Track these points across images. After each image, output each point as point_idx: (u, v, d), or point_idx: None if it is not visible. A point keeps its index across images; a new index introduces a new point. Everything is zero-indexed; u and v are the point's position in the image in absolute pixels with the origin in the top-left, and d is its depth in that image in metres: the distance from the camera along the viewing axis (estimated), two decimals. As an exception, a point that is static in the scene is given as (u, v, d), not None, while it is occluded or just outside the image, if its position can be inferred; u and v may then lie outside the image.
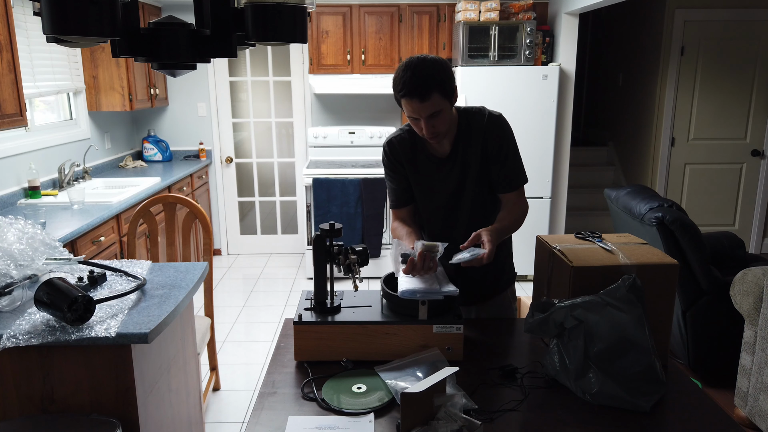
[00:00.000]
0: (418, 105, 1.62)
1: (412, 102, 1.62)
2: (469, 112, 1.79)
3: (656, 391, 1.38)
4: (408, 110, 1.66)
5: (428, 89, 1.59)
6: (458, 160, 1.78)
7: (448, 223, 1.88)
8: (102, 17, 1.09)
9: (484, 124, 1.76)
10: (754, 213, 5.33)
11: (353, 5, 4.65)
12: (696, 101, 5.12)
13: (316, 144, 5.01)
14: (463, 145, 1.77)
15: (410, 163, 1.84)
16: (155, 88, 4.75)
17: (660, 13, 5.06)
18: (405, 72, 1.62)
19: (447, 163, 1.80)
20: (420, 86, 1.59)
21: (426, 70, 1.61)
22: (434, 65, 1.63)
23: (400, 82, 1.63)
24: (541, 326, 1.48)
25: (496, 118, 1.78)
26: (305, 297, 1.67)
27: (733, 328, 2.89)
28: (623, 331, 1.40)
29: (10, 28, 2.73)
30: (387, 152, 1.87)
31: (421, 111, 1.63)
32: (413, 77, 1.60)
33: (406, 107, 1.66)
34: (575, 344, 1.42)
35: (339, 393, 1.40)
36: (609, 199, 3.58)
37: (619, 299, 1.41)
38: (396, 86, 1.66)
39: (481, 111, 1.79)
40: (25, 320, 1.58)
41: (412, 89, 1.60)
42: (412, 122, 1.70)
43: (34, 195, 3.43)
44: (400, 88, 1.63)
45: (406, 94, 1.62)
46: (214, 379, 3.00)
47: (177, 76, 1.39)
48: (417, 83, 1.60)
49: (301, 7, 1.24)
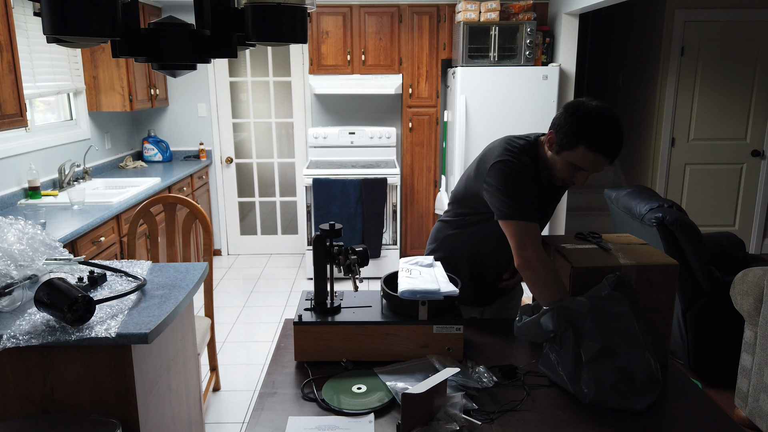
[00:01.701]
0: (602, 163, 1.59)
1: (599, 159, 1.57)
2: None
3: (652, 390, 1.38)
4: (583, 161, 1.59)
5: (619, 153, 1.59)
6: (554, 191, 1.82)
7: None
8: (102, 17, 1.09)
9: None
10: (754, 213, 5.33)
11: (353, 5, 4.66)
12: (696, 101, 5.12)
13: (316, 144, 5.01)
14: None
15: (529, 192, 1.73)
16: (155, 88, 4.75)
17: (660, 14, 5.06)
18: (608, 127, 1.55)
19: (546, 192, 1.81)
20: (618, 149, 1.57)
21: (623, 132, 1.58)
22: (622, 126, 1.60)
23: (601, 135, 1.55)
24: (530, 330, 1.48)
25: None
26: (305, 297, 1.67)
27: (733, 328, 2.89)
28: (612, 331, 1.40)
29: (10, 29, 2.73)
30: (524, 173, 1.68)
31: (597, 168, 1.60)
32: (618, 138, 1.56)
33: (584, 157, 1.58)
34: (566, 350, 1.43)
35: (339, 393, 1.40)
36: (609, 200, 3.58)
37: (605, 298, 1.41)
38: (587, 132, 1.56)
39: None
40: (25, 320, 1.58)
41: (611, 150, 1.56)
42: (570, 168, 1.64)
43: (35, 195, 3.43)
44: (598, 141, 1.55)
45: (601, 150, 1.56)
46: (214, 379, 3.00)
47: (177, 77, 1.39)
48: (618, 145, 1.57)
49: (301, 7, 1.24)
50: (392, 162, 4.93)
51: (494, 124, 4.30)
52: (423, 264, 1.72)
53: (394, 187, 4.60)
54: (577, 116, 1.58)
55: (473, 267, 1.90)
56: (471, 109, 4.32)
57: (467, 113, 4.34)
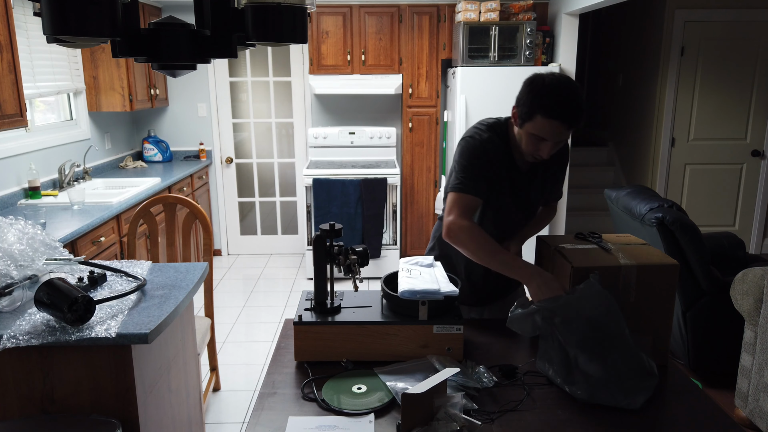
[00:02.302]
0: (562, 130, 1.56)
1: (554, 125, 1.55)
2: None
3: (648, 386, 1.38)
4: (541, 130, 1.58)
5: (579, 118, 1.55)
6: (537, 175, 1.81)
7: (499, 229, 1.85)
8: (102, 17, 1.09)
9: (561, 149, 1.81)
10: (754, 213, 5.33)
11: (353, 5, 4.66)
12: (696, 101, 5.12)
13: (316, 144, 5.01)
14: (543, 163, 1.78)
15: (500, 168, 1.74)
16: (155, 88, 4.75)
17: (660, 14, 5.06)
18: (561, 95, 1.54)
19: (527, 177, 1.80)
20: (576, 113, 1.54)
21: (580, 98, 1.56)
22: (581, 93, 1.58)
23: (553, 101, 1.54)
24: (519, 322, 1.49)
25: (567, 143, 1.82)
26: (305, 297, 1.67)
27: (733, 328, 2.89)
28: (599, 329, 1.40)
29: (10, 29, 2.73)
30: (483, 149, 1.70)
31: (558, 136, 1.58)
32: (571, 104, 1.54)
33: (542, 127, 1.57)
34: (556, 352, 1.43)
35: (339, 393, 1.40)
36: (609, 200, 3.58)
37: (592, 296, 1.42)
38: (540, 100, 1.56)
39: None
40: (26, 320, 1.59)
41: (567, 115, 1.54)
42: (533, 140, 1.62)
43: (35, 195, 3.43)
44: (551, 107, 1.54)
45: (555, 117, 1.54)
46: (214, 379, 3.00)
47: (177, 77, 1.39)
48: (574, 110, 1.54)
49: (301, 7, 1.24)
50: (392, 162, 4.93)
51: (494, 124, 4.29)
52: (423, 264, 1.72)
53: (394, 187, 4.61)
54: (532, 87, 1.60)
55: (468, 265, 1.90)
56: (471, 109, 4.32)
57: (467, 113, 4.34)
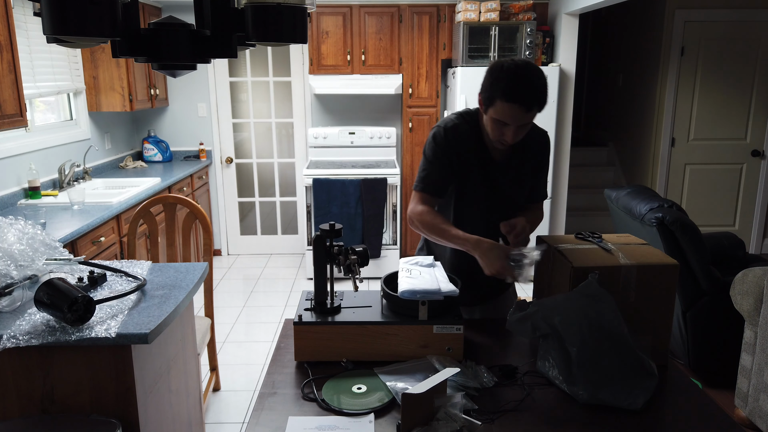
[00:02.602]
0: (521, 114, 1.56)
1: (514, 109, 1.55)
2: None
3: (648, 386, 1.38)
4: (502, 114, 1.58)
5: (536, 101, 1.55)
6: (512, 167, 1.79)
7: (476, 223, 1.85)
8: (102, 17, 1.09)
9: (542, 139, 1.80)
10: (754, 213, 5.33)
11: (353, 5, 4.66)
12: (696, 101, 5.12)
13: (316, 144, 5.01)
14: (520, 154, 1.78)
15: (470, 156, 1.75)
16: (155, 88, 4.75)
17: (660, 14, 5.06)
18: (517, 77, 1.54)
19: (501, 168, 1.79)
20: (532, 96, 1.54)
21: (537, 80, 1.56)
22: (542, 76, 1.58)
23: (509, 85, 1.54)
24: (519, 325, 1.49)
25: (546, 135, 1.82)
26: (305, 297, 1.67)
27: (733, 328, 2.89)
28: (599, 330, 1.40)
29: (10, 29, 2.73)
30: (446, 137, 1.74)
31: (519, 119, 1.57)
32: (527, 86, 1.54)
33: (502, 111, 1.58)
34: (557, 351, 1.43)
35: (339, 393, 1.40)
36: (609, 200, 3.58)
37: (591, 296, 1.41)
38: (499, 87, 1.57)
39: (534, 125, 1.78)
40: (26, 320, 1.58)
41: (523, 97, 1.54)
42: (496, 125, 1.63)
43: (35, 195, 3.43)
44: (506, 90, 1.55)
45: (512, 100, 1.54)
46: (214, 379, 3.00)
47: (177, 77, 1.39)
48: (529, 92, 1.54)
49: (301, 7, 1.24)
50: (392, 162, 4.93)
51: (494, 124, 4.29)
52: (423, 264, 1.72)
53: (394, 187, 4.61)
54: (492, 73, 1.61)
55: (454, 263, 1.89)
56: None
57: (467, 113, 4.34)
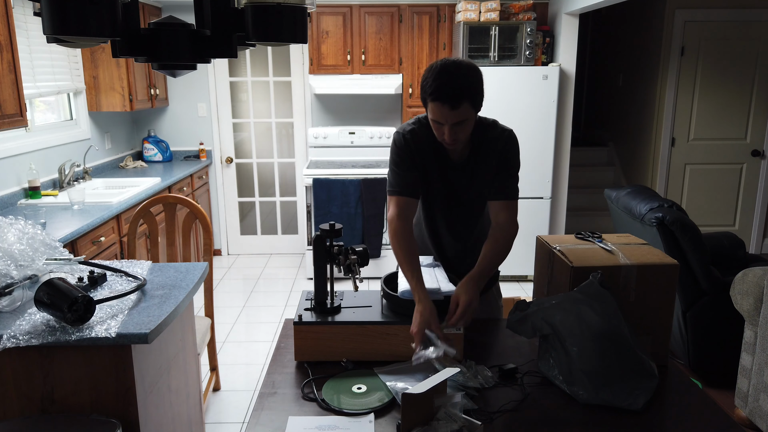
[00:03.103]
0: (448, 112, 1.57)
1: (442, 108, 1.57)
2: (484, 123, 1.78)
3: (648, 387, 1.38)
4: (434, 114, 1.61)
5: (461, 98, 1.55)
6: (469, 168, 1.78)
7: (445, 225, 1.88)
8: (102, 17, 1.09)
9: (502, 138, 1.76)
10: (755, 213, 5.33)
11: (353, 5, 4.66)
12: (696, 101, 5.12)
13: (316, 144, 5.01)
14: (477, 155, 1.77)
15: (429, 159, 1.78)
16: (155, 88, 4.75)
17: (660, 14, 5.06)
18: (440, 76, 1.56)
19: (459, 170, 1.79)
20: (453, 94, 1.55)
21: (462, 78, 1.56)
22: (470, 73, 1.58)
23: (433, 85, 1.57)
24: (519, 325, 1.49)
25: (512, 134, 1.80)
26: (305, 297, 1.67)
27: (733, 328, 2.88)
28: (599, 330, 1.40)
29: (10, 28, 2.73)
30: (407, 140, 1.76)
31: (449, 118, 1.58)
32: (448, 83, 1.55)
33: (433, 111, 1.60)
34: (557, 353, 1.43)
35: (339, 393, 1.40)
36: (609, 200, 3.58)
37: (592, 296, 1.41)
38: (426, 88, 1.60)
39: (496, 124, 1.79)
40: (26, 320, 1.58)
41: (445, 95, 1.55)
42: (435, 126, 1.66)
43: (35, 195, 3.43)
44: (431, 90, 1.57)
45: (437, 99, 1.57)
46: (214, 379, 3.00)
47: (177, 77, 1.39)
48: (452, 90, 1.55)
49: (301, 7, 1.24)
50: (392, 162, 4.93)
51: (494, 124, 4.29)
52: (423, 264, 1.72)
53: (394, 187, 4.60)
54: (424, 74, 1.64)
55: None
56: (471, 109, 4.32)
57: (467, 113, 4.34)
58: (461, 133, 1.64)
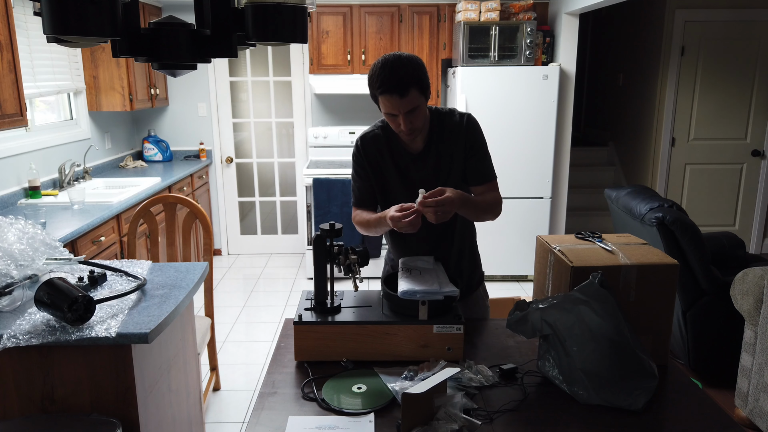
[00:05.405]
0: (398, 101, 1.64)
1: (391, 98, 1.65)
2: (441, 112, 1.85)
3: (648, 386, 1.37)
4: (386, 107, 1.69)
5: (407, 85, 1.63)
6: (431, 156, 1.83)
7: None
8: (102, 17, 1.08)
9: (462, 124, 1.82)
10: (755, 213, 5.33)
11: (353, 5, 4.66)
12: (696, 101, 5.12)
13: (316, 144, 5.01)
14: (437, 142, 1.82)
15: (384, 159, 1.85)
16: (155, 88, 4.75)
17: (660, 13, 5.06)
18: (383, 69, 1.64)
19: (421, 159, 1.84)
20: (399, 82, 1.62)
21: (403, 67, 1.64)
22: (410, 62, 1.66)
23: (378, 79, 1.65)
24: (519, 325, 1.49)
25: (472, 118, 1.85)
26: (305, 297, 1.67)
27: (733, 328, 2.89)
28: (599, 329, 1.40)
29: (10, 28, 2.73)
30: (359, 148, 1.87)
31: (400, 107, 1.66)
32: (393, 74, 1.63)
33: (384, 104, 1.68)
34: (557, 353, 1.43)
35: (339, 393, 1.40)
36: (609, 200, 3.58)
37: (592, 296, 1.41)
38: (374, 83, 1.68)
39: (453, 111, 1.86)
40: (26, 320, 1.58)
41: (392, 86, 1.63)
42: (390, 119, 1.74)
43: (35, 195, 3.43)
44: (378, 84, 1.66)
45: (385, 91, 1.64)
46: (214, 379, 3.01)
47: (177, 76, 1.39)
48: (396, 80, 1.62)
49: (301, 7, 1.24)
50: (392, 162, 4.93)
51: (494, 124, 4.30)
52: (423, 264, 1.72)
53: (394, 187, 4.60)
54: (367, 76, 1.71)
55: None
56: (471, 109, 4.32)
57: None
58: (416, 121, 1.71)
